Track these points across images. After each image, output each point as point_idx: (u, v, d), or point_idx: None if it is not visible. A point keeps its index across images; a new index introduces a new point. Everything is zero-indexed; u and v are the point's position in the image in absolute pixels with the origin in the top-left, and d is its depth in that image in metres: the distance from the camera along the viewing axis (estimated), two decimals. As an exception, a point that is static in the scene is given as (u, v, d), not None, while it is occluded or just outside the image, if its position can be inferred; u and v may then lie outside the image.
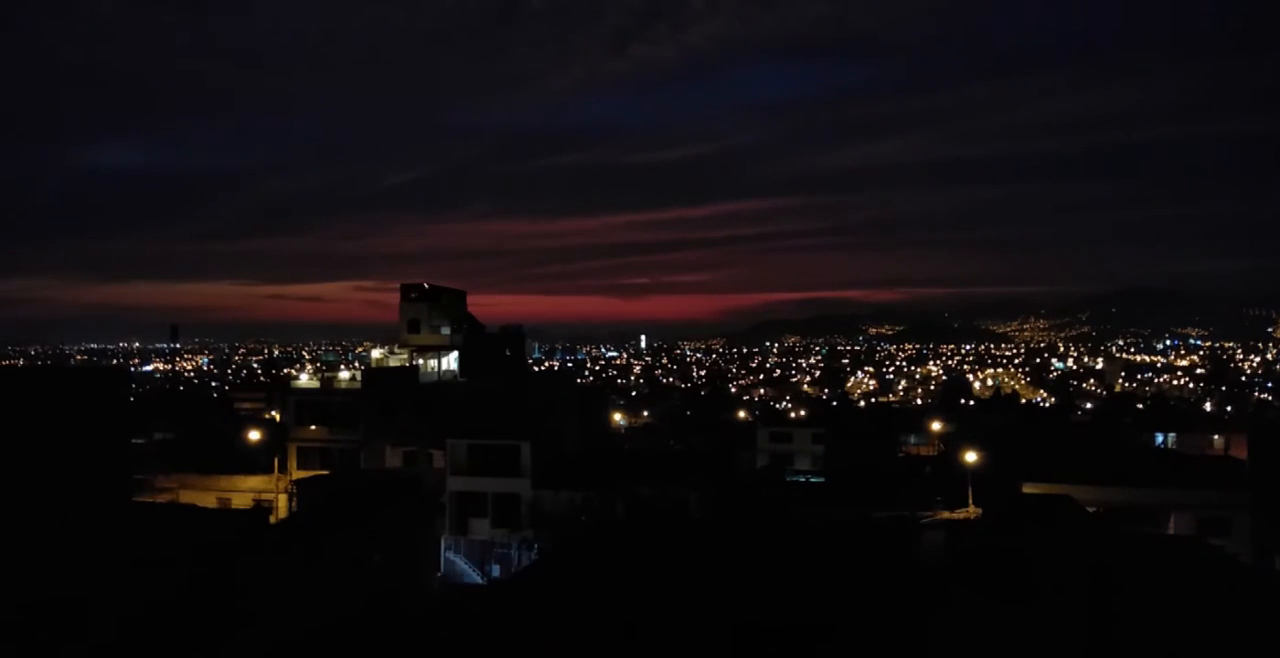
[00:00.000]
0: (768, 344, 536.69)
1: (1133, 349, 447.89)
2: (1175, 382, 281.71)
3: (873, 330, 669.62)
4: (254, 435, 57.92)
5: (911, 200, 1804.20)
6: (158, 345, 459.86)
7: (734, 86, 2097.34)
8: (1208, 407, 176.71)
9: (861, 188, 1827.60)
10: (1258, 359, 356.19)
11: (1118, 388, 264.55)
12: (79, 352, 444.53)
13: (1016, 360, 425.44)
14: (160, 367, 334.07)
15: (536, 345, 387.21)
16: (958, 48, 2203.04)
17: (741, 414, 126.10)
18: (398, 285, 76.98)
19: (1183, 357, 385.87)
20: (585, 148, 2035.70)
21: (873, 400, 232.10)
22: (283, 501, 52.09)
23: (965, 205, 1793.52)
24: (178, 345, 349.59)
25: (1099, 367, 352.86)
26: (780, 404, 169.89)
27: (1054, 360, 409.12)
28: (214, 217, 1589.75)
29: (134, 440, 43.85)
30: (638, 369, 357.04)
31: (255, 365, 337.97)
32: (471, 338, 77.64)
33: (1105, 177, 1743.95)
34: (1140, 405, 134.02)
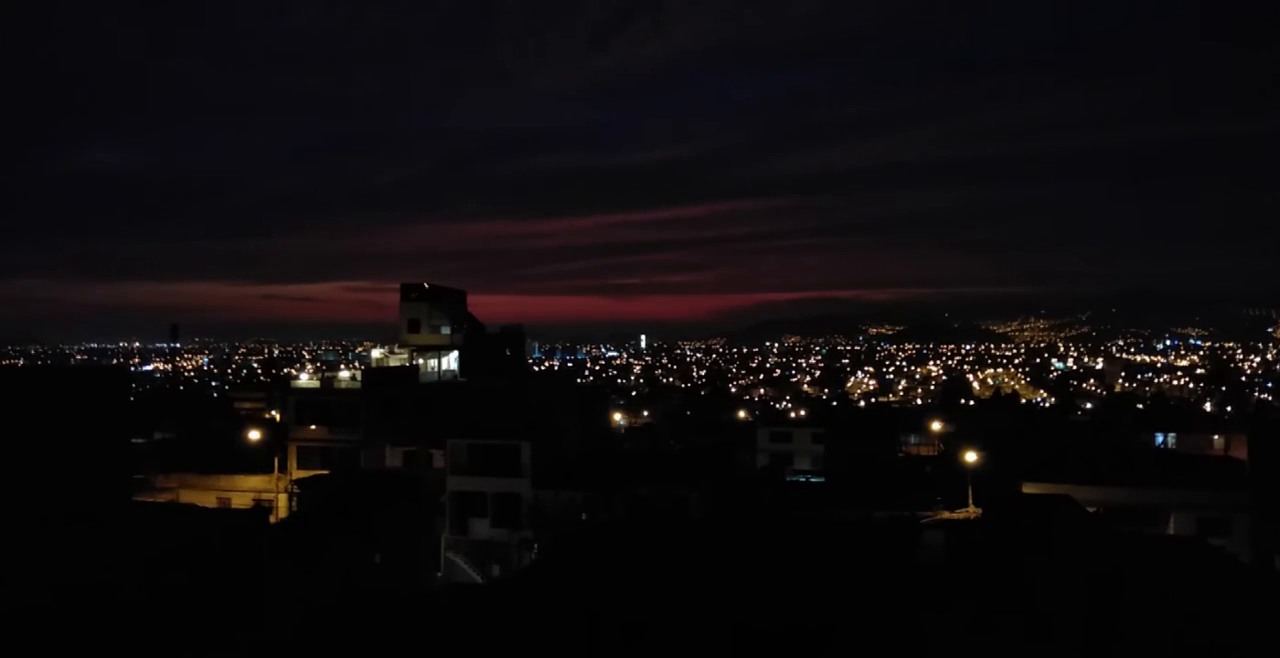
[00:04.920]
0: (768, 344, 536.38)
1: (1133, 349, 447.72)
2: (1175, 382, 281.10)
3: (873, 330, 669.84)
4: (254, 435, 57.94)
5: (908, 200, 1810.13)
6: (158, 345, 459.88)
7: (723, 85, 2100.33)
8: (1208, 407, 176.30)
9: (856, 187, 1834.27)
10: (1258, 359, 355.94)
11: (1118, 388, 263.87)
12: (79, 352, 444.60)
13: (1016, 360, 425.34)
14: (160, 367, 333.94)
15: (536, 345, 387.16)
16: (953, 46, 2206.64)
17: (741, 414, 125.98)
18: (389, 285, 78.47)
19: (1183, 357, 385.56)
20: (572, 147, 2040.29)
21: (873, 400, 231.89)
22: (283, 500, 52.10)
23: (964, 205, 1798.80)
24: (178, 345, 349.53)
25: (1099, 367, 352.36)
26: (780, 404, 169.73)
27: (1054, 360, 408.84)
28: (209, 217, 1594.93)
29: (134, 440, 43.84)
30: (638, 369, 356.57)
31: (255, 365, 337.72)
32: (471, 338, 77.53)
33: (1104, 176, 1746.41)
34: (1140, 405, 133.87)
